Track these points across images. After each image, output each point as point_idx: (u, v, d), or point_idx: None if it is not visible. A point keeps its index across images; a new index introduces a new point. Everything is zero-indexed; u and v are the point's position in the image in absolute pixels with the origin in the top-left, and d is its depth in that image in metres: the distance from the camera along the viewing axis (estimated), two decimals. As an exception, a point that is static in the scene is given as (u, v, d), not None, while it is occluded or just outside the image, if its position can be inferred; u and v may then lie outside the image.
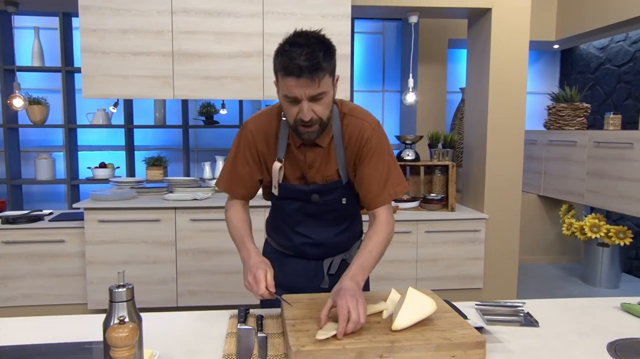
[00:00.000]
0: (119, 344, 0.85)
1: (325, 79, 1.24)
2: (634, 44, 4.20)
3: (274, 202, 1.51)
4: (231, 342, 1.15)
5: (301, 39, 1.23)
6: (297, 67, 1.19)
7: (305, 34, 1.25)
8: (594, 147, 3.82)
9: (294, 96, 1.23)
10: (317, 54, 1.20)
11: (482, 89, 3.35)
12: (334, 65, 1.28)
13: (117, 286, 0.93)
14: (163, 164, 3.98)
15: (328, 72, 1.25)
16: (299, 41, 1.22)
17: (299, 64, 1.19)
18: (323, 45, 1.24)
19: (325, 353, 1.02)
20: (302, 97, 1.23)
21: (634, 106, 4.16)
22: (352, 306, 1.10)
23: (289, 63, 1.20)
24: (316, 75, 1.20)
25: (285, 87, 1.24)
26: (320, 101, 1.26)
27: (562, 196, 4.19)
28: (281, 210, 1.48)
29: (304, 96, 1.23)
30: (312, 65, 1.19)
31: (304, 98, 1.23)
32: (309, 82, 1.21)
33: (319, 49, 1.21)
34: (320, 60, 1.20)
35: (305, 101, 1.24)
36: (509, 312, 1.36)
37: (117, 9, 2.85)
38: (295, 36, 1.25)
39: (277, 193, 1.43)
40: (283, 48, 1.24)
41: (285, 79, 1.22)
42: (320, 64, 1.20)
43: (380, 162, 1.38)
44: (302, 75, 1.19)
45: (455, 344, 1.05)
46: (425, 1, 3.16)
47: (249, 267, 1.29)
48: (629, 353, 1.11)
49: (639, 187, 3.39)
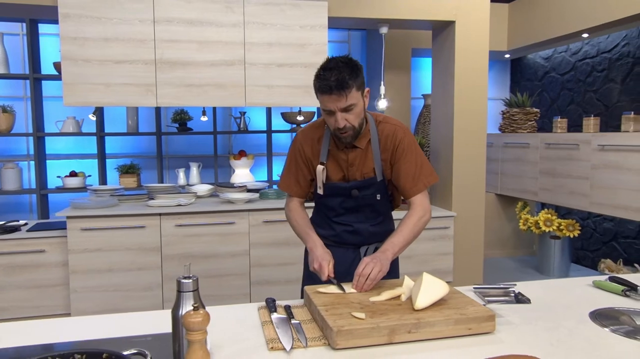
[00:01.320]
0: (195, 328, 0.96)
1: (352, 93, 1.50)
2: (574, 54, 4.64)
3: (317, 201, 1.78)
4: (269, 328, 1.26)
5: (331, 63, 1.52)
6: (328, 86, 1.49)
7: (335, 59, 1.54)
8: (545, 149, 4.18)
9: (328, 109, 1.54)
10: (344, 74, 1.49)
11: (447, 95, 3.61)
12: (361, 81, 1.54)
13: (184, 278, 1.02)
14: (136, 171, 3.97)
15: (355, 87, 1.51)
16: (329, 65, 1.52)
17: (330, 84, 1.48)
18: (348, 66, 1.51)
19: (362, 331, 1.16)
20: (335, 109, 1.53)
21: (576, 110, 4.58)
22: (369, 265, 1.44)
23: (322, 84, 1.50)
24: (344, 91, 1.49)
25: (322, 102, 1.55)
26: (351, 112, 1.53)
27: (518, 194, 4.55)
28: (325, 206, 1.74)
29: (336, 108, 1.52)
30: (340, 84, 1.48)
31: (336, 110, 1.53)
32: (338, 97, 1.50)
33: (345, 70, 1.50)
34: (347, 79, 1.49)
35: (338, 112, 1.53)
36: (503, 293, 1.55)
37: (98, 17, 2.86)
38: (327, 62, 1.55)
39: (322, 192, 1.69)
40: (318, 73, 1.54)
41: (321, 96, 1.53)
42: (346, 83, 1.49)
43: (412, 158, 1.64)
44: (333, 92, 1.49)
45: (470, 318, 1.22)
46: (395, 13, 3.38)
47: (316, 257, 1.58)
48: (607, 319, 1.32)
49: (585, 184, 3.77)
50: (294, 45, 3.17)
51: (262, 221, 3.14)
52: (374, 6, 3.32)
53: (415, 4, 3.38)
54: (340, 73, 1.48)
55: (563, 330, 1.26)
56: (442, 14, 3.42)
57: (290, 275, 3.19)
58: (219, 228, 3.08)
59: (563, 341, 1.18)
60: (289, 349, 1.14)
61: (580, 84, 4.56)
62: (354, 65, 1.53)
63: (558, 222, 4.14)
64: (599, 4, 3.71)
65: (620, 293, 1.52)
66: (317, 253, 1.59)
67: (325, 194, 1.70)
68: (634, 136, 3.43)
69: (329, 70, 1.49)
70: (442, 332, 1.20)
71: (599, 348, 1.15)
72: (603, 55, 4.31)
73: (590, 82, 4.44)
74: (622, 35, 4.12)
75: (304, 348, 1.17)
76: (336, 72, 1.48)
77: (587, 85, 4.48)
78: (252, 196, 3.27)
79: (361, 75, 1.55)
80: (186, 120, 4.06)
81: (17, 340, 1.22)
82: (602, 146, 3.63)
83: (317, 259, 1.56)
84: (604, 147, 3.62)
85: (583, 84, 4.52)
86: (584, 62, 4.52)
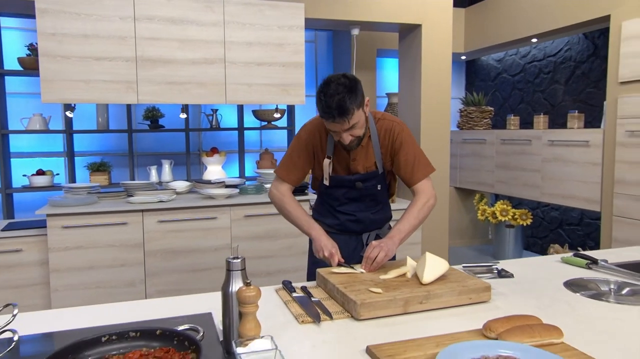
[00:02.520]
0: (249, 301, 1.07)
1: (354, 114, 1.59)
2: (523, 57, 5.02)
3: (323, 191, 1.89)
4: (294, 306, 1.39)
5: (331, 89, 1.57)
6: (331, 115, 1.57)
7: (334, 83, 1.58)
8: (501, 144, 4.52)
9: (334, 130, 1.65)
10: (344, 100, 1.55)
11: (415, 94, 3.84)
12: (361, 99, 1.61)
13: (233, 258, 1.13)
14: (107, 169, 3.92)
15: (356, 107, 1.59)
16: (330, 92, 1.56)
17: (332, 113, 1.56)
18: (347, 88, 1.57)
19: (382, 303, 1.31)
20: (340, 130, 1.63)
21: (526, 109, 4.97)
22: (375, 249, 1.57)
23: (325, 112, 1.58)
24: (346, 116, 1.57)
25: (326, 124, 1.64)
26: (354, 129, 1.63)
27: (476, 187, 4.87)
28: (330, 196, 1.86)
29: (340, 130, 1.62)
30: (341, 111, 1.56)
31: (341, 131, 1.63)
32: (341, 122, 1.59)
33: (345, 94, 1.55)
34: (347, 105, 1.56)
35: (342, 132, 1.64)
36: (487, 270, 1.76)
37: (77, 14, 2.84)
38: (327, 86, 1.59)
39: (328, 184, 1.81)
40: (319, 97, 1.59)
41: (325, 120, 1.62)
42: (347, 109, 1.56)
43: (410, 149, 1.78)
44: (335, 119, 1.58)
45: (471, 289, 1.40)
46: (367, 16, 3.56)
47: (323, 246, 1.68)
48: (578, 286, 1.55)
49: (537, 176, 4.13)
50: (272, 45, 3.28)
51: (243, 215, 3.23)
52: (347, 9, 3.49)
53: (385, 7, 3.58)
54: (340, 99, 1.54)
55: (545, 297, 1.47)
56: (409, 17, 3.63)
57: (270, 267, 3.30)
58: (201, 223, 3.14)
59: (547, 305, 1.39)
60: (319, 322, 1.28)
61: (529, 84, 4.95)
62: (352, 86, 1.58)
63: (513, 212, 4.49)
64: (546, 13, 4.07)
65: (585, 266, 1.77)
66: (324, 242, 1.69)
67: (331, 185, 1.83)
68: (578, 132, 3.80)
69: (330, 97, 1.55)
70: (448, 302, 1.37)
71: (576, 309, 1.37)
72: (549, 59, 4.71)
73: (538, 83, 4.84)
74: (565, 41, 4.53)
75: (330, 320, 1.30)
76: (337, 99, 1.54)
77: (535, 85, 4.88)
78: (233, 191, 3.35)
79: (360, 93, 1.60)
80: (158, 117, 4.06)
81: (58, 325, 1.27)
82: (551, 141, 4.00)
83: (326, 248, 1.66)
84: (553, 142, 3.99)
85: (532, 85, 4.91)
86: (532, 65, 4.91)
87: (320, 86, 1.61)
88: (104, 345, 1.09)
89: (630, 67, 3.32)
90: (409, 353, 1.07)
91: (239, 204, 3.22)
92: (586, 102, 4.32)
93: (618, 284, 1.56)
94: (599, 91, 4.19)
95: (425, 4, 3.64)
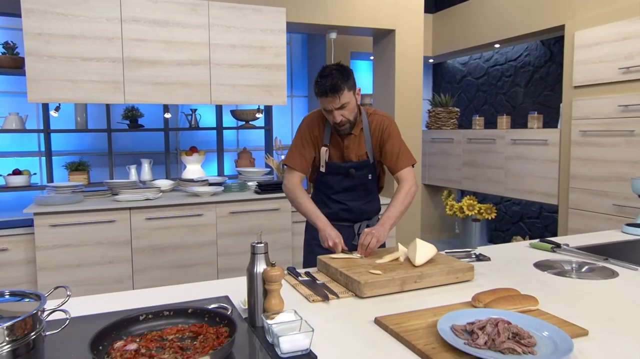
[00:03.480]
0: (275, 280, 1.22)
1: (344, 94, 1.83)
2: (486, 61, 5.34)
3: (319, 180, 2.06)
4: (302, 288, 1.54)
5: (325, 72, 1.87)
6: (324, 91, 1.84)
7: (329, 68, 1.87)
8: (467, 143, 4.81)
9: (327, 108, 1.89)
10: (336, 80, 1.83)
11: (389, 96, 4.05)
12: (352, 83, 1.87)
13: (257, 243, 1.27)
14: (86, 168, 3.93)
15: (347, 89, 1.84)
16: (324, 74, 1.87)
17: (325, 89, 1.84)
18: (340, 72, 1.84)
19: (382, 283, 1.48)
20: (332, 108, 1.87)
21: (490, 109, 5.29)
22: (368, 236, 1.75)
23: (320, 89, 1.86)
24: (337, 94, 1.83)
25: (321, 103, 1.91)
26: (345, 109, 1.86)
27: (444, 184, 5.15)
28: (325, 184, 2.04)
29: (332, 107, 1.87)
30: (333, 88, 1.83)
31: (333, 109, 1.85)
32: (333, 99, 1.85)
33: (337, 76, 1.83)
34: (339, 84, 1.83)
35: (335, 110, 1.84)
36: (465, 255, 1.96)
37: (64, 14, 2.88)
38: (323, 70, 1.88)
39: (324, 170, 2.00)
40: (316, 80, 1.87)
41: (320, 98, 1.89)
42: (339, 86, 1.82)
43: (396, 141, 2.02)
44: (328, 95, 1.84)
45: (457, 269, 1.59)
46: (344, 21, 3.74)
47: (328, 236, 1.86)
48: (546, 267, 1.78)
49: (501, 172, 4.43)
50: (255, 48, 3.40)
51: (228, 212, 3.34)
52: (325, 13, 3.65)
53: (361, 13, 3.77)
54: (333, 79, 1.82)
55: (519, 275, 1.68)
56: (384, 22, 3.84)
57: (254, 262, 3.42)
58: (188, 220, 3.23)
59: (523, 282, 1.60)
60: (328, 300, 1.43)
61: (492, 87, 5.27)
62: (345, 70, 1.86)
63: (479, 207, 4.79)
64: (508, 21, 4.37)
65: (550, 250, 2.00)
66: (329, 232, 1.87)
67: (327, 172, 2.03)
68: (538, 132, 4.12)
69: (324, 77, 1.84)
70: (438, 281, 1.56)
71: (545, 283, 1.58)
72: (510, 63, 5.04)
73: (500, 85, 5.16)
74: (524, 47, 4.86)
75: (337, 298, 1.46)
76: (330, 79, 1.82)
77: (497, 88, 5.20)
78: (217, 189, 3.45)
79: (352, 78, 1.88)
80: (137, 117, 4.09)
81: (82, 310, 1.37)
82: (514, 140, 4.30)
83: (331, 238, 1.84)
84: (515, 141, 4.29)
85: (494, 87, 5.24)
86: (494, 69, 5.23)
87: (318, 73, 1.88)
88: (142, 323, 1.21)
89: (582, 73, 3.64)
90: (412, 321, 1.24)
91: (224, 202, 3.32)
92: (544, 104, 4.66)
93: (578, 264, 1.80)
94: (555, 93, 4.53)
95: (398, 10, 3.86)
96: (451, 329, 1.14)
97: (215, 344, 1.11)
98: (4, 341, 0.96)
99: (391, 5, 3.84)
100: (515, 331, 1.09)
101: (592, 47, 3.56)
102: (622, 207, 3.38)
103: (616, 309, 1.35)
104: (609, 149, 3.47)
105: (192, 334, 1.17)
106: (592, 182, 3.59)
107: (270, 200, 3.40)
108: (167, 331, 1.19)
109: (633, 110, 3.30)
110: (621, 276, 1.66)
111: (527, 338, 1.07)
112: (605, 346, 1.13)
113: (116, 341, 1.13)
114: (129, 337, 1.16)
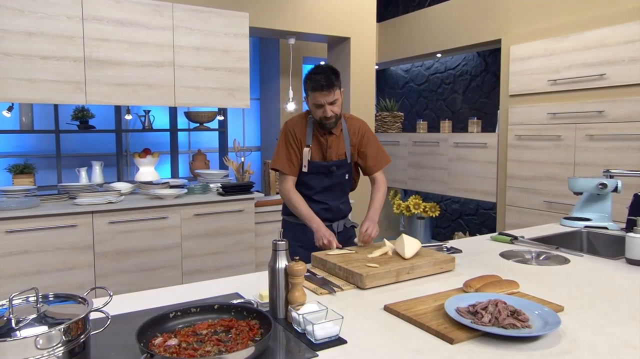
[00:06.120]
0: (298, 274, 1.32)
1: (336, 91, 2.03)
2: (427, 69, 5.71)
3: (300, 181, 2.18)
4: (306, 283, 1.64)
5: (319, 69, 2.03)
6: (320, 85, 2.02)
7: (322, 66, 2.04)
8: (413, 146, 5.12)
9: (320, 103, 2.05)
10: (331, 76, 2.01)
11: (344, 101, 4.22)
12: (340, 83, 2.05)
13: (279, 240, 1.36)
14: (32, 171, 3.72)
15: (337, 87, 2.03)
16: (319, 70, 2.03)
17: (321, 84, 2.01)
18: (332, 71, 2.03)
19: (380, 274, 1.63)
20: (325, 103, 2.05)
21: (431, 114, 5.66)
22: (370, 227, 2.02)
23: (316, 84, 2.02)
24: (332, 88, 2.01)
25: (315, 98, 2.05)
26: (335, 104, 2.05)
27: (391, 184, 5.43)
28: (306, 185, 2.17)
29: (325, 102, 2.04)
30: (329, 84, 2.02)
31: (325, 103, 2.02)
32: (328, 94, 2.03)
33: (331, 73, 2.01)
34: (333, 80, 2.01)
35: (327, 105, 2.02)
36: (439, 249, 2.17)
37: (20, 10, 2.74)
38: (316, 68, 2.03)
39: (306, 170, 2.13)
40: (310, 76, 2.01)
41: (314, 93, 2.04)
42: (333, 82, 2.01)
43: (372, 144, 2.23)
44: (324, 89, 2.02)
45: (442, 260, 1.78)
46: (302, 27, 3.87)
47: (322, 235, 2.01)
48: (509, 256, 2.03)
49: (444, 173, 4.77)
50: (219, 51, 3.43)
51: (192, 214, 3.34)
52: (286, 20, 3.76)
53: (318, 20, 3.91)
54: (328, 75, 2.00)
55: (490, 264, 1.91)
56: (340, 30, 4.01)
57: (219, 263, 3.45)
58: (152, 223, 3.19)
59: (494, 269, 1.82)
60: (334, 293, 1.56)
61: (432, 93, 5.64)
62: (336, 70, 2.07)
63: (424, 206, 5.11)
64: (449, 33, 4.73)
65: (509, 242, 2.26)
66: (323, 232, 2.02)
67: (309, 172, 2.16)
68: (477, 136, 4.50)
69: (319, 74, 2.01)
70: (427, 271, 1.74)
71: (513, 270, 1.82)
72: (449, 72, 5.43)
73: (440, 92, 5.54)
74: (462, 57, 5.27)
75: (341, 290, 1.59)
76: (325, 75, 2.00)
77: (438, 94, 5.58)
78: (181, 191, 3.43)
79: (339, 79, 2.07)
80: (88, 118, 3.95)
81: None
82: (456, 143, 4.66)
83: (325, 237, 1.99)
84: (457, 144, 4.65)
85: (435, 94, 5.61)
86: (435, 76, 5.61)
87: (309, 71, 2.04)
88: (172, 320, 1.26)
89: (517, 83, 4.05)
90: (418, 306, 1.40)
91: (188, 204, 3.32)
92: (480, 110, 5.09)
93: (537, 253, 2.07)
94: (490, 100, 4.96)
95: (353, 19, 4.05)
96: (457, 311, 1.31)
97: (250, 336, 1.20)
98: (60, 342, 0.99)
99: (347, 14, 4.03)
100: (512, 310, 1.28)
101: (525, 60, 3.97)
102: (551, 203, 3.80)
103: (576, 289, 1.61)
104: (540, 152, 3.89)
105: (224, 328, 1.24)
106: (526, 181, 4.00)
107: (234, 202, 3.44)
108: (199, 326, 1.25)
109: (560, 117, 3.74)
110: (572, 262, 1.94)
111: (523, 315, 1.26)
112: (578, 317, 1.35)
113: (153, 339, 1.18)
114: (163, 333, 1.21)
